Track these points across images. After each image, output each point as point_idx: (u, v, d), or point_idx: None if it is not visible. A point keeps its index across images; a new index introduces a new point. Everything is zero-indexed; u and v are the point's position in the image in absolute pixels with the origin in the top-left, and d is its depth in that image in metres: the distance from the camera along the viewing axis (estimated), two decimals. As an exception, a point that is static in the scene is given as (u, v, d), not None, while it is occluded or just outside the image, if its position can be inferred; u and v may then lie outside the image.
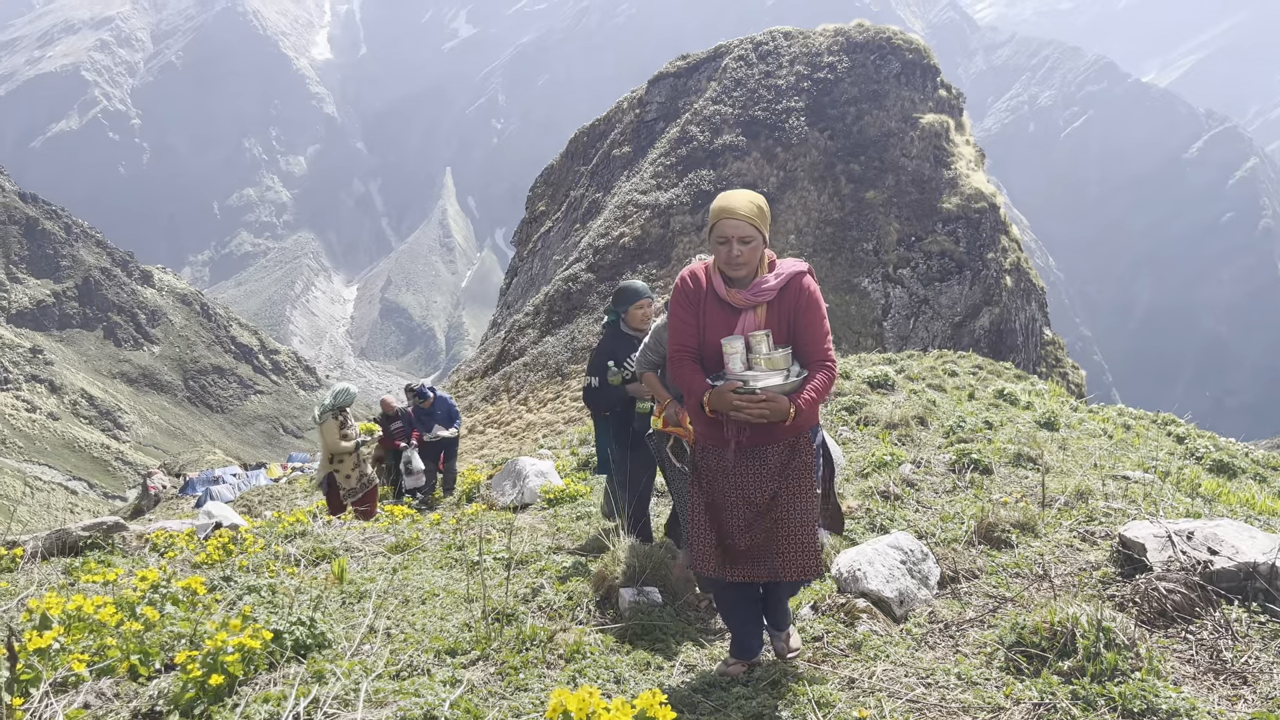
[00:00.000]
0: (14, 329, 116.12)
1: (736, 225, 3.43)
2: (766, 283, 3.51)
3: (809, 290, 3.54)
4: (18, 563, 6.81)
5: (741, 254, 3.43)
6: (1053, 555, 4.66)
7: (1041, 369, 35.97)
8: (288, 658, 3.28)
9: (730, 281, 3.56)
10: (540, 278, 43.43)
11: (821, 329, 3.54)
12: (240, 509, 24.58)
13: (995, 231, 35.03)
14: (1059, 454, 9.66)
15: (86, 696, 2.99)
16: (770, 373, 3.35)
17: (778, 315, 3.52)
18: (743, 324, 3.51)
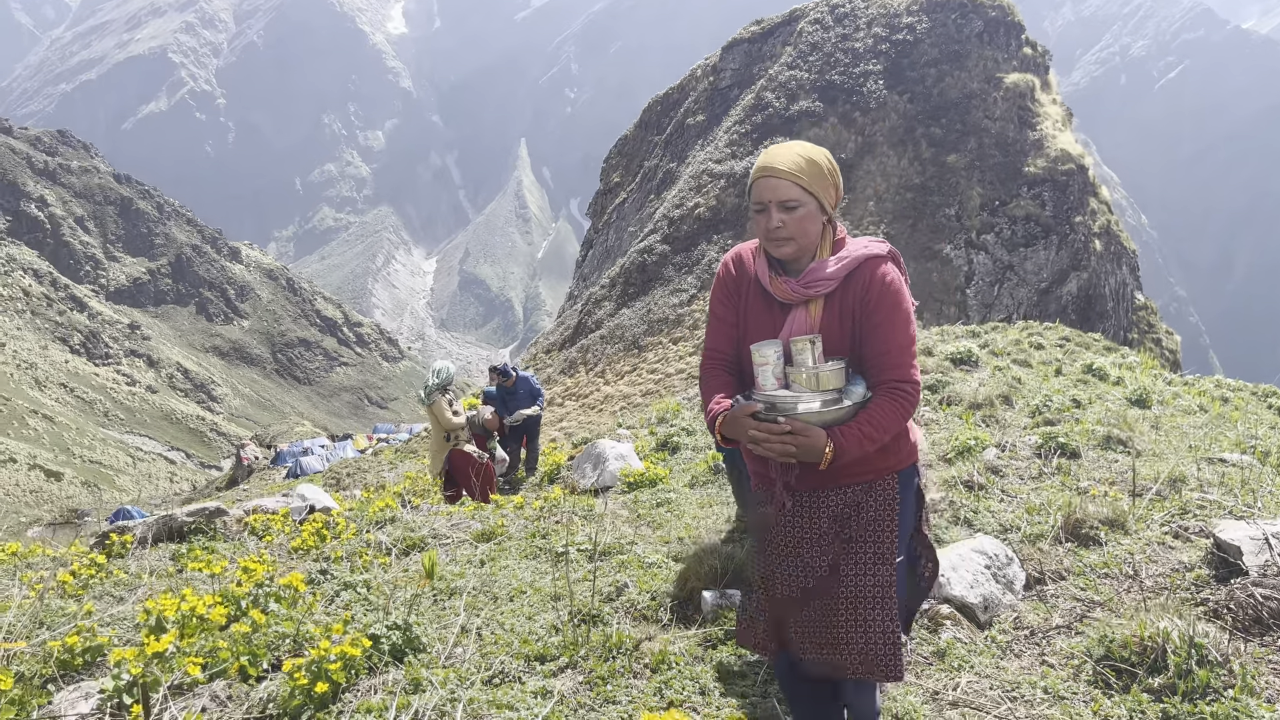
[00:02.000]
0: (113, 306, 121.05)
1: (776, 185, 2.58)
2: (825, 269, 2.62)
3: (886, 282, 2.59)
4: (129, 548, 7.18)
5: (784, 224, 2.58)
6: (1143, 554, 4.58)
7: (1133, 335, 34.87)
8: (386, 662, 3.44)
9: (777, 266, 2.71)
10: (615, 249, 43.53)
11: (898, 338, 2.56)
12: (329, 481, 25.41)
13: (1083, 194, 33.91)
14: (1151, 434, 9.39)
15: (203, 700, 3.19)
16: (811, 394, 2.51)
17: (838, 314, 2.63)
18: (791, 325, 2.65)
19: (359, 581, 4.72)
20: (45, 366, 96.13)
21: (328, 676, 3.08)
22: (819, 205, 2.63)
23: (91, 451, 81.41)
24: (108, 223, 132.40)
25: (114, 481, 74.96)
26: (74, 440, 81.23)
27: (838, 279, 2.61)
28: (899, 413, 2.53)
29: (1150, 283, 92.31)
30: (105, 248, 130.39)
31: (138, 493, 66.60)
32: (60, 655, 3.55)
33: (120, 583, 5.54)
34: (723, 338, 2.84)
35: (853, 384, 2.59)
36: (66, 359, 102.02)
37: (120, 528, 7.62)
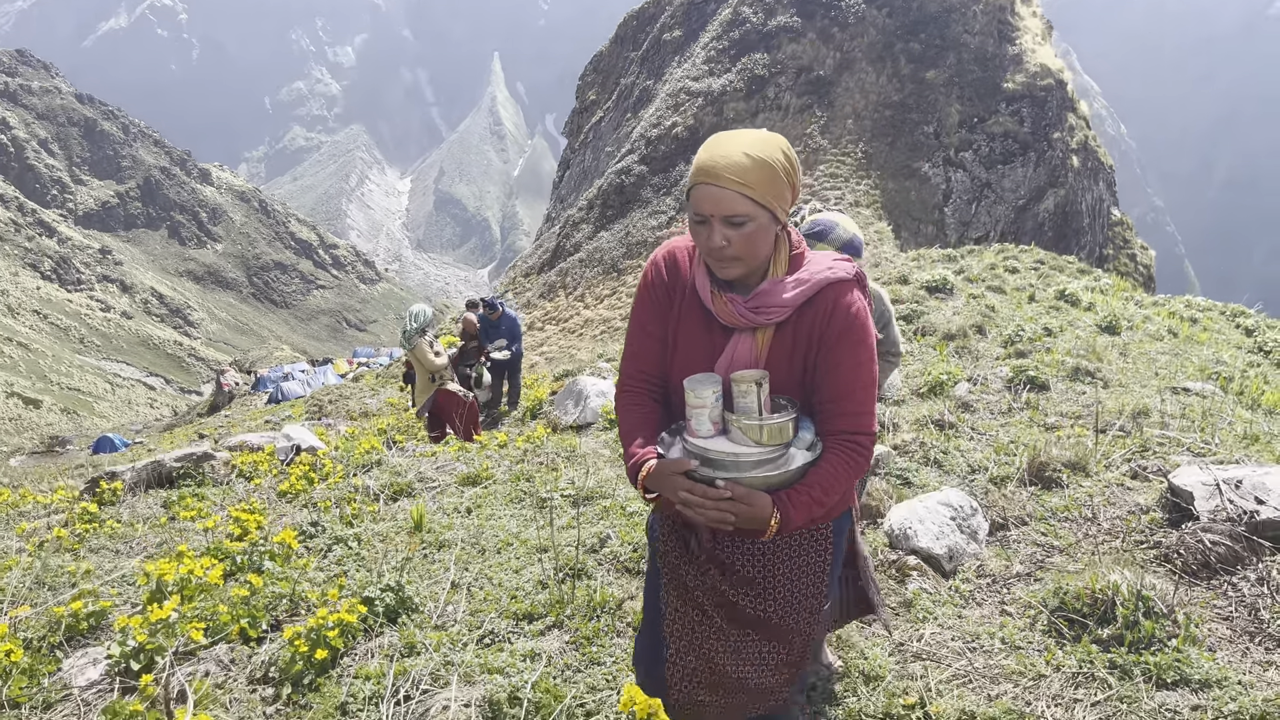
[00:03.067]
0: (82, 230, 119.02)
1: (719, 197, 2.05)
2: (780, 292, 2.14)
3: (851, 313, 2.14)
4: (119, 495, 7.31)
5: (729, 243, 2.08)
6: (1102, 497, 4.79)
7: (1109, 251, 35.13)
8: (380, 624, 3.61)
9: (721, 282, 2.21)
10: (593, 170, 43.10)
11: (860, 381, 2.14)
12: (311, 408, 25.50)
13: (1062, 110, 33.74)
14: (1119, 363, 9.63)
15: (207, 664, 3.35)
16: (756, 450, 2.08)
17: (789, 347, 2.18)
18: (732, 355, 2.18)
19: (350, 535, 4.88)
20: (17, 293, 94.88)
21: (326, 643, 3.24)
22: (772, 217, 2.09)
23: (69, 378, 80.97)
24: (73, 145, 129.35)
25: (93, 408, 74.79)
26: (50, 367, 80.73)
27: (793, 306, 2.13)
28: (852, 470, 2.13)
29: (1128, 194, 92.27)
30: (71, 171, 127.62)
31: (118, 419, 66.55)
32: (66, 621, 3.70)
33: (115, 534, 5.68)
34: (648, 357, 2.31)
35: (802, 430, 2.15)
36: (38, 285, 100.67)
37: (110, 474, 7.73)
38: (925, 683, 3.12)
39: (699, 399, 2.13)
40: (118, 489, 7.34)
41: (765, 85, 35.73)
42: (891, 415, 6.96)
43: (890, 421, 6.74)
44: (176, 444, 19.30)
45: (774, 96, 35.41)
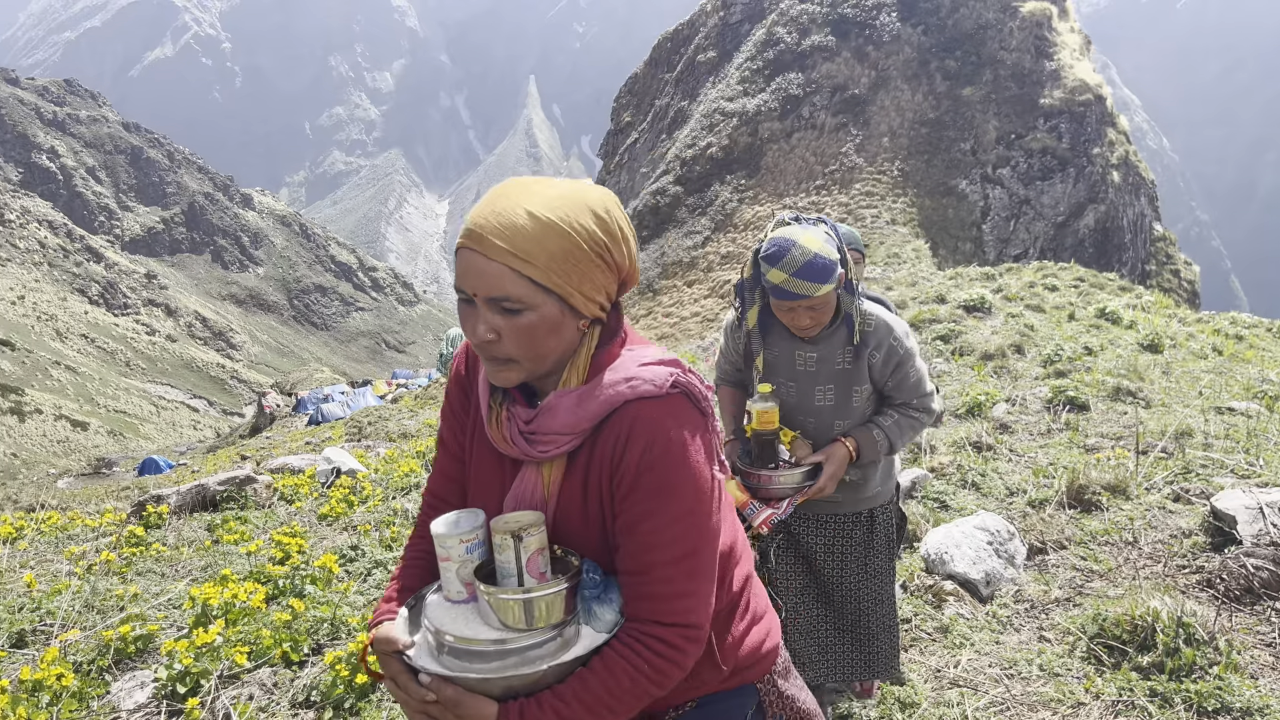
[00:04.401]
0: (129, 256, 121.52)
1: (484, 269, 1.47)
2: (559, 413, 1.53)
3: (654, 447, 1.48)
4: (165, 518, 7.45)
5: (499, 338, 1.49)
6: (1143, 520, 4.73)
7: (1151, 267, 34.66)
8: (419, 648, 3.66)
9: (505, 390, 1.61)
10: (628, 191, 43.34)
11: (665, 545, 1.49)
12: (351, 430, 25.78)
13: (1101, 125, 33.44)
14: (1161, 382, 9.50)
15: (251, 688, 3.42)
16: (505, 634, 1.45)
17: (583, 487, 1.56)
18: (516, 491, 1.59)
19: (389, 559, 4.94)
20: (65, 318, 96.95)
21: (368, 669, 3.29)
22: (566, 307, 1.50)
23: (115, 401, 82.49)
24: (119, 172, 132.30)
25: (139, 430, 76.11)
26: (98, 390, 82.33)
27: (574, 433, 1.51)
28: (645, 680, 1.46)
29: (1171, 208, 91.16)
30: (118, 197, 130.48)
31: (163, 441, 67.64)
32: (115, 645, 3.79)
33: (161, 558, 5.79)
34: (447, 479, 1.76)
35: (601, 606, 1.50)
36: (86, 310, 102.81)
37: (155, 497, 7.88)
38: (962, 710, 3.10)
39: (444, 549, 1.51)
40: (163, 512, 7.48)
41: (800, 105, 35.78)
42: (929, 437, 6.92)
43: (927, 444, 6.71)
44: (220, 466, 19.59)
45: (808, 116, 35.44)
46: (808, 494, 2.65)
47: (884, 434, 2.75)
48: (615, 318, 1.64)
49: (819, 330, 2.70)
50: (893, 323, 2.75)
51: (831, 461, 2.68)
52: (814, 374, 2.77)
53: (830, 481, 2.66)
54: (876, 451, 2.74)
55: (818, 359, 2.76)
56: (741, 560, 1.74)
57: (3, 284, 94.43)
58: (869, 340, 2.71)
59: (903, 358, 2.74)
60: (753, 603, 1.75)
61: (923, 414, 2.83)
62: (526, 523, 1.48)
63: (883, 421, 2.77)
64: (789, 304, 2.58)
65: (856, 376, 2.75)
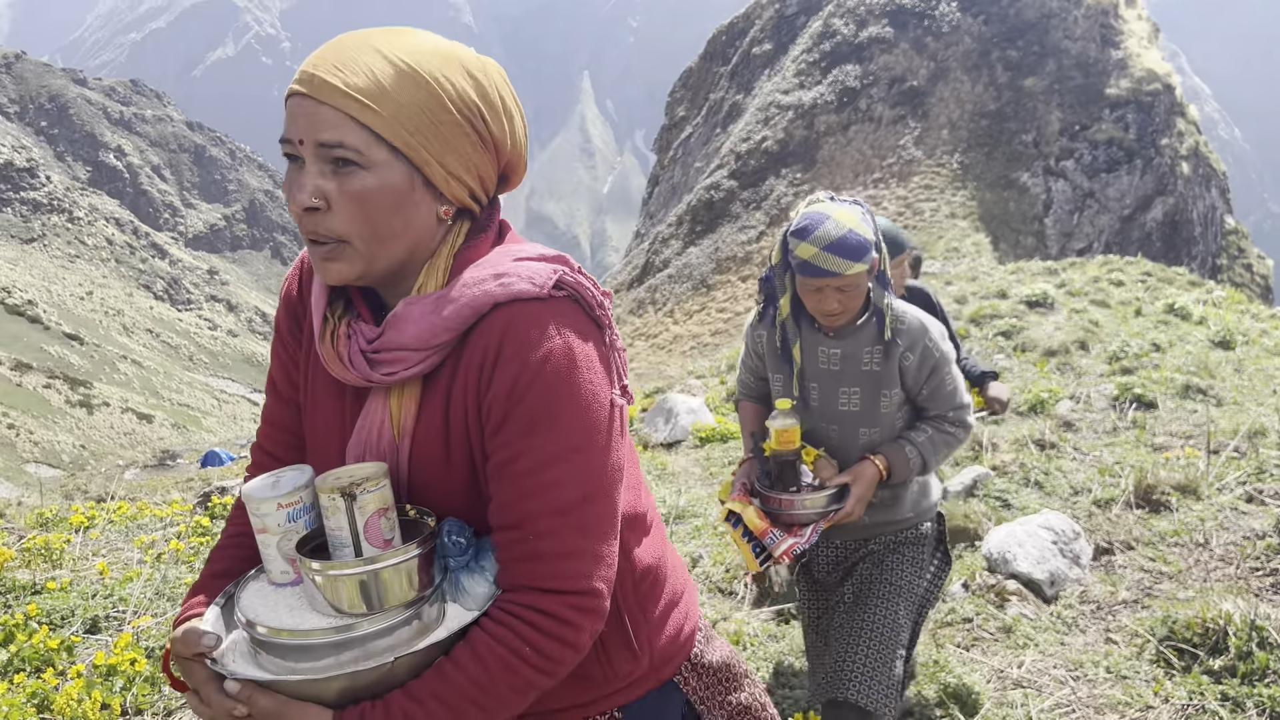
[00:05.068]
0: (192, 252, 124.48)
1: (314, 113, 1.15)
2: (411, 319, 1.20)
3: (532, 360, 1.16)
4: (229, 509, 7.62)
5: (327, 206, 1.17)
6: (1215, 521, 4.60)
7: (1222, 261, 33.68)
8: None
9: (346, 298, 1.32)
10: (682, 186, 43.25)
11: (550, 486, 1.16)
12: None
13: (1170, 115, 32.54)
14: (1233, 379, 9.22)
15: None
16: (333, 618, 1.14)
17: (443, 423, 1.23)
18: (365, 431, 1.26)
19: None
20: (131, 313, 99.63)
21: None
22: (418, 177, 1.19)
23: (179, 395, 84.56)
24: (183, 170, 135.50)
25: (201, 423, 77.95)
26: (162, 384, 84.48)
27: (430, 347, 1.19)
28: (533, 666, 1.15)
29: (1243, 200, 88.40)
30: (182, 195, 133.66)
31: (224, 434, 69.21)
32: (184, 631, 3.89)
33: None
34: (278, 430, 1.44)
35: (467, 575, 1.19)
36: (151, 305, 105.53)
37: (220, 488, 8.07)
38: (1026, 711, 3.05)
39: (259, 517, 1.20)
40: (228, 503, 7.66)
41: (857, 97, 35.39)
42: (990, 434, 6.81)
43: (989, 441, 6.60)
44: (281, 457, 19.99)
45: (866, 108, 35.04)
46: (834, 519, 2.38)
47: (917, 451, 2.46)
48: (490, 214, 1.31)
49: (846, 319, 2.43)
50: (928, 323, 2.48)
51: (859, 482, 2.41)
52: (838, 374, 2.49)
53: (859, 505, 2.40)
54: (909, 470, 2.46)
55: (842, 356, 2.48)
56: (654, 527, 1.45)
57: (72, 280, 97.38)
58: (901, 339, 2.43)
59: (938, 361, 2.47)
60: (670, 579, 1.46)
61: (959, 428, 2.53)
62: (362, 476, 1.15)
63: (915, 437, 2.49)
64: (817, 282, 2.32)
65: (886, 378, 2.46)
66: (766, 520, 2.39)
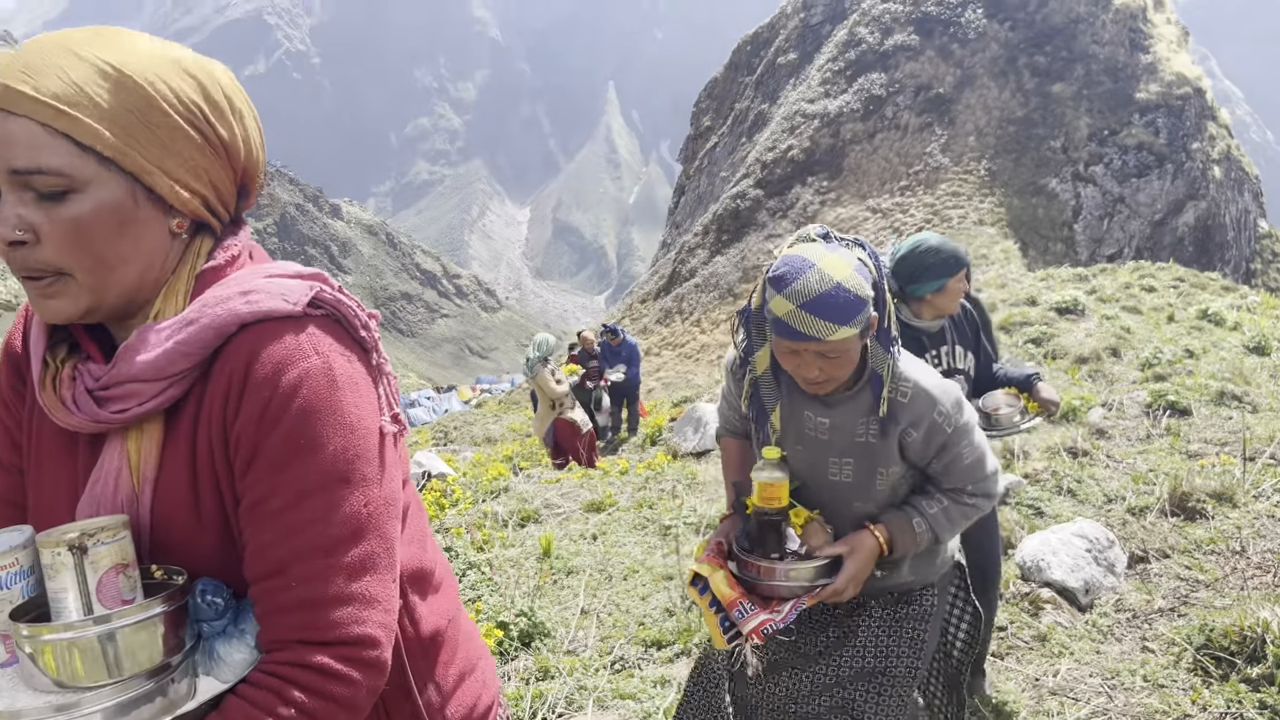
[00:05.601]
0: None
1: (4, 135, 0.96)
2: (142, 349, 1.02)
3: (282, 386, 1.01)
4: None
5: (34, 237, 0.99)
6: (1251, 529, 4.57)
7: (1256, 265, 33.24)
8: (515, 647, 3.75)
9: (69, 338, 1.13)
10: (708, 195, 43.30)
11: (322, 532, 1.01)
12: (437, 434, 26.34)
13: (1201, 119, 32.20)
14: (1269, 385, 9.12)
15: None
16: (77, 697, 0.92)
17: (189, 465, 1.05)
18: (100, 485, 1.06)
19: (482, 561, 5.06)
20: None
21: None
22: (139, 190, 1.04)
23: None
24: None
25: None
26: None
27: (166, 376, 1.03)
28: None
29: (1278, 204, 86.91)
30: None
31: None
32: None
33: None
34: None
35: (219, 643, 1.03)
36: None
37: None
38: (1063, 720, 3.05)
39: None
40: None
41: (883, 105, 35.32)
42: (1022, 442, 6.79)
43: (1020, 449, 6.58)
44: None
45: (892, 116, 34.95)
46: (819, 596, 1.99)
47: (926, 523, 2.07)
48: (234, 230, 1.16)
49: (832, 386, 2.00)
50: (937, 392, 2.04)
51: (855, 556, 2.01)
52: (827, 443, 2.09)
53: (852, 584, 2.00)
54: (915, 545, 2.08)
55: (830, 426, 2.07)
56: (444, 586, 1.28)
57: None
58: (901, 415, 2.02)
59: (951, 437, 2.04)
60: (464, 645, 1.30)
61: (980, 499, 2.12)
62: (96, 526, 0.96)
63: (926, 508, 2.09)
64: (793, 345, 1.90)
65: (882, 455, 2.06)
66: (739, 590, 2.01)
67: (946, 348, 3.09)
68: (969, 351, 3.16)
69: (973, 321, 3.23)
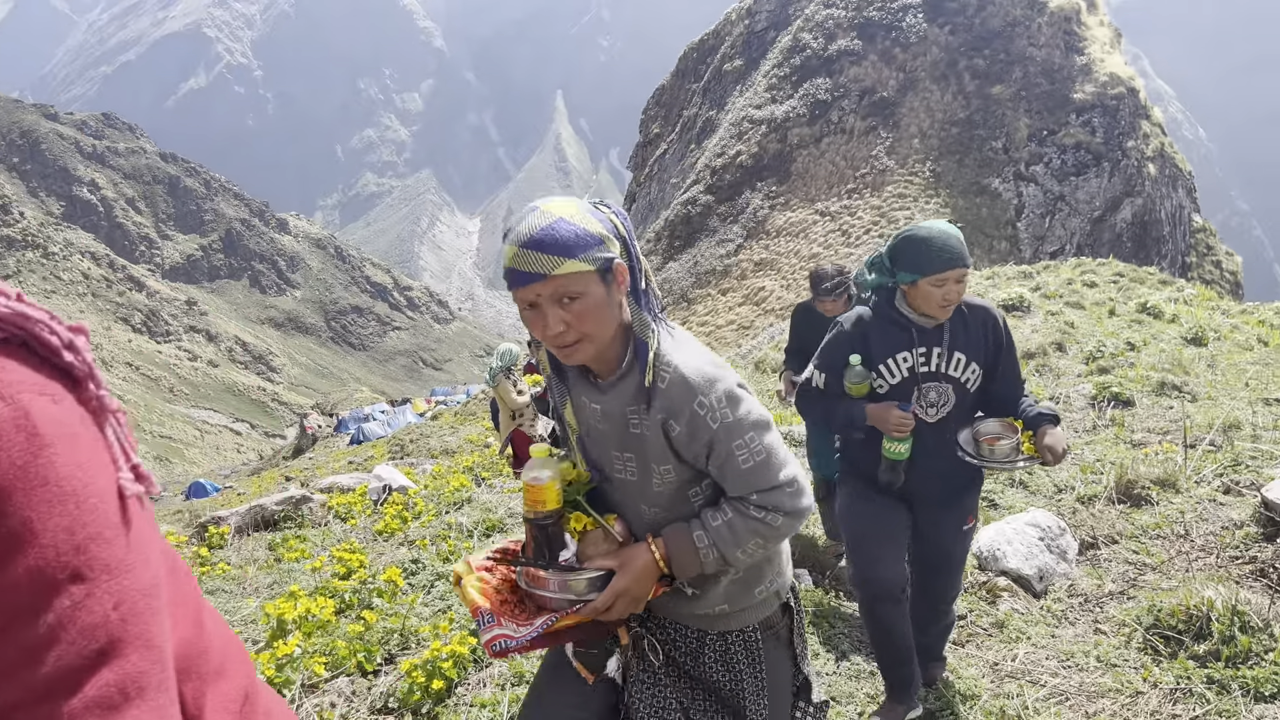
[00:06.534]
0: (169, 283, 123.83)
1: None
2: None
3: None
4: (226, 539, 7.67)
5: None
6: (1194, 513, 4.76)
7: (1191, 259, 34.23)
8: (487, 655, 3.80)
9: None
10: (659, 202, 43.52)
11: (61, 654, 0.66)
12: (393, 448, 26.14)
13: (1135, 118, 33.13)
14: (1206, 375, 9.44)
15: (330, 697, 3.57)
16: None
17: None
18: None
19: (448, 571, 5.09)
20: (110, 347, 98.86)
21: (442, 674, 3.44)
22: None
23: (161, 427, 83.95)
24: (158, 202, 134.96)
25: (184, 455, 77.43)
26: (143, 417, 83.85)
27: None
28: None
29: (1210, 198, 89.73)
30: (158, 227, 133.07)
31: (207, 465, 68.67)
32: (197, 658, 3.96)
33: (229, 577, 5.99)
34: None
35: None
36: (129, 338, 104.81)
37: (216, 519, 8.12)
38: (1022, 701, 3.17)
39: None
40: (224, 533, 7.70)
41: (829, 109, 35.80)
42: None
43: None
44: (265, 487, 19.94)
45: (838, 120, 35.45)
46: (582, 613, 1.78)
47: (709, 538, 1.79)
48: None
49: (591, 351, 1.77)
50: (697, 380, 1.76)
51: (625, 571, 1.79)
52: (606, 434, 1.87)
53: (621, 601, 1.78)
54: (698, 563, 1.80)
55: (603, 414, 1.85)
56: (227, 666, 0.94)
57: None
58: (658, 402, 1.77)
59: (718, 434, 1.76)
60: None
61: (771, 513, 1.80)
62: None
63: (710, 519, 1.81)
64: (528, 294, 1.71)
65: (653, 450, 1.81)
66: (490, 598, 1.84)
67: (940, 350, 2.90)
68: (973, 363, 2.91)
69: (992, 336, 2.96)
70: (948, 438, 2.98)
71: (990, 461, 2.88)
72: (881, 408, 2.91)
